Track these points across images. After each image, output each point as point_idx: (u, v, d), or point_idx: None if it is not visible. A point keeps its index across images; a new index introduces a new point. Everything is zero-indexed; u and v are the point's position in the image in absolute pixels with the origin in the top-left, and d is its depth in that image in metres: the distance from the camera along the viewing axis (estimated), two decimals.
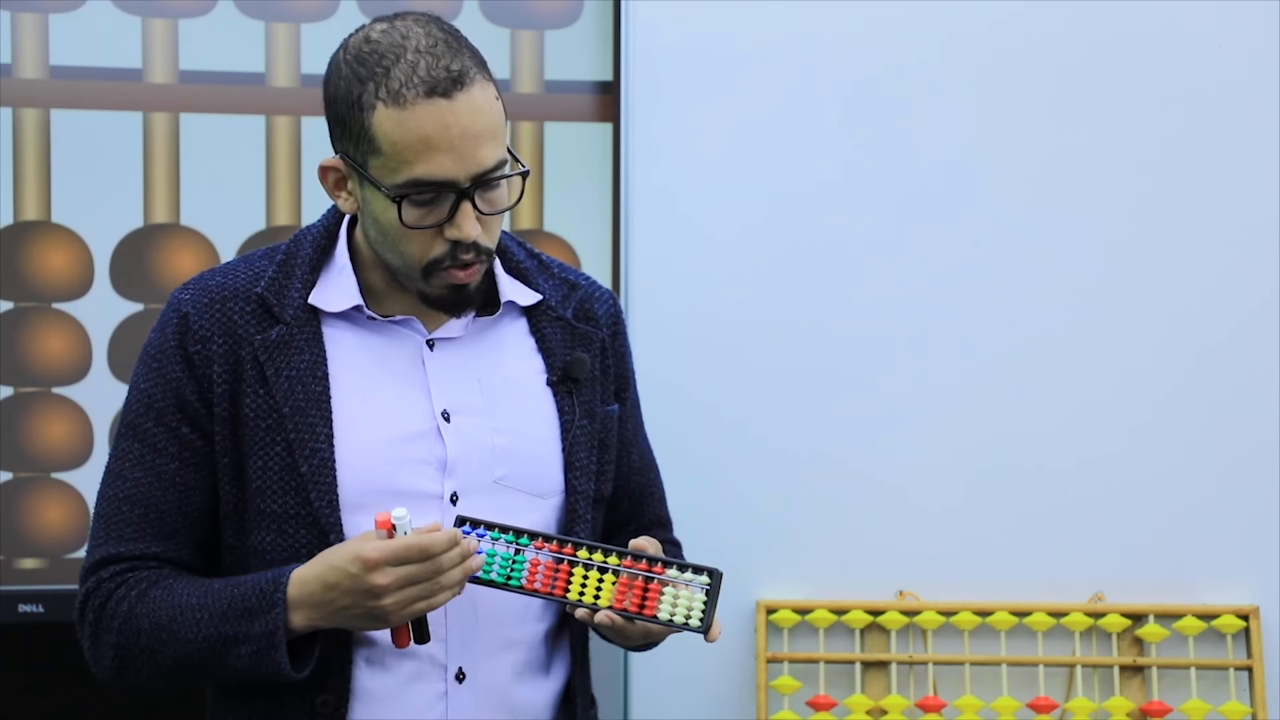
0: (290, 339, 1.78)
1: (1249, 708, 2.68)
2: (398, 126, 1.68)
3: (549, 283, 1.91)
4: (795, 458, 2.73)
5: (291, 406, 1.76)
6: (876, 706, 2.69)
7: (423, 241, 1.73)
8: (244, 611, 1.70)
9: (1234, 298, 2.75)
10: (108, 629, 1.76)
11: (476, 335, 1.85)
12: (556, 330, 1.88)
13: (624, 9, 2.70)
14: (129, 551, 1.77)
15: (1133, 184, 2.75)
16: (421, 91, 1.67)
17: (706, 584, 1.76)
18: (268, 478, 1.76)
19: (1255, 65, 2.74)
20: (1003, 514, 2.74)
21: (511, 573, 1.74)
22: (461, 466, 1.79)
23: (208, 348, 1.77)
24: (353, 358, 1.80)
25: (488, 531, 1.74)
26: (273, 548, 1.76)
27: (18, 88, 2.65)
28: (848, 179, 2.73)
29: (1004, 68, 2.74)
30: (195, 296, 1.80)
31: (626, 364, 1.99)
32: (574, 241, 2.76)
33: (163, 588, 1.75)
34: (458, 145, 1.68)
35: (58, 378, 2.67)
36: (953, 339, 2.74)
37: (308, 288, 1.80)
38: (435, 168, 1.68)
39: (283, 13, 2.70)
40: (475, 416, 1.81)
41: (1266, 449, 2.74)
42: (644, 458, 2.03)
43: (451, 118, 1.68)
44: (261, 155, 2.70)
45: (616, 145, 2.73)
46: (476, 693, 1.80)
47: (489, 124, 1.71)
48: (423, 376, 1.81)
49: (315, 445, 1.75)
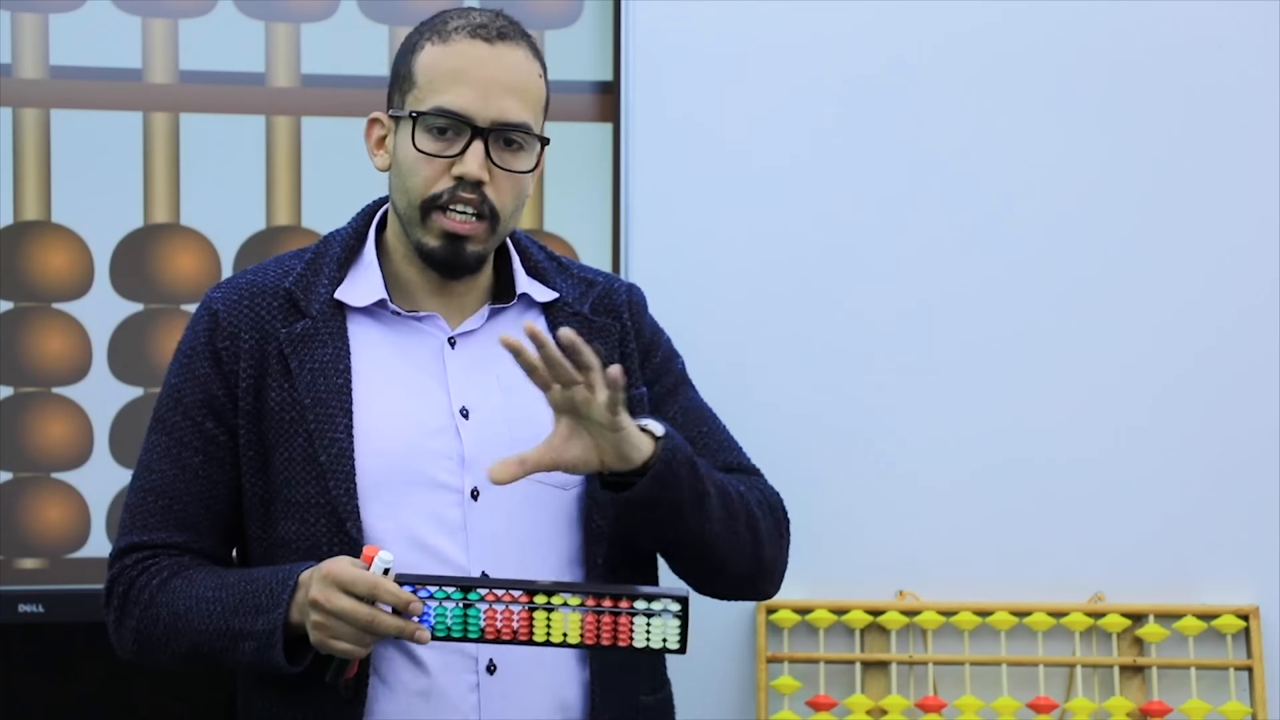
0: (315, 332, 1.83)
1: (1249, 708, 2.68)
2: (437, 59, 1.79)
3: (567, 282, 1.94)
4: (795, 457, 2.72)
5: (313, 398, 1.80)
6: (876, 706, 2.69)
7: (429, 175, 1.78)
8: (252, 608, 1.74)
9: (1233, 296, 2.75)
10: (130, 614, 1.83)
11: (495, 331, 1.86)
12: (573, 325, 1.89)
13: (624, 9, 2.70)
14: (152, 540, 1.84)
15: (1131, 181, 2.75)
16: (466, 33, 1.79)
17: (677, 609, 1.72)
18: (291, 468, 1.80)
19: (1255, 65, 2.74)
20: (1003, 514, 2.74)
21: (468, 625, 1.69)
22: (480, 463, 1.80)
23: (235, 343, 1.83)
24: (375, 351, 1.84)
25: (432, 589, 1.70)
26: (296, 537, 1.80)
27: (18, 88, 2.65)
28: (848, 178, 2.73)
29: (1003, 66, 2.74)
30: (226, 294, 1.87)
31: (648, 336, 1.98)
32: (574, 241, 2.76)
33: (183, 578, 1.81)
34: (485, 86, 1.77)
35: (58, 378, 2.67)
36: (952, 339, 2.74)
37: (335, 283, 1.85)
38: (459, 99, 1.77)
39: (283, 13, 2.70)
40: (493, 413, 1.84)
41: (1266, 448, 2.74)
42: (687, 414, 1.98)
43: (488, 58, 1.78)
44: (261, 155, 2.70)
45: (616, 145, 2.73)
46: (508, 684, 1.80)
47: (521, 82, 1.80)
48: (442, 373, 1.85)
49: (334, 435, 1.79)
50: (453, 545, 1.80)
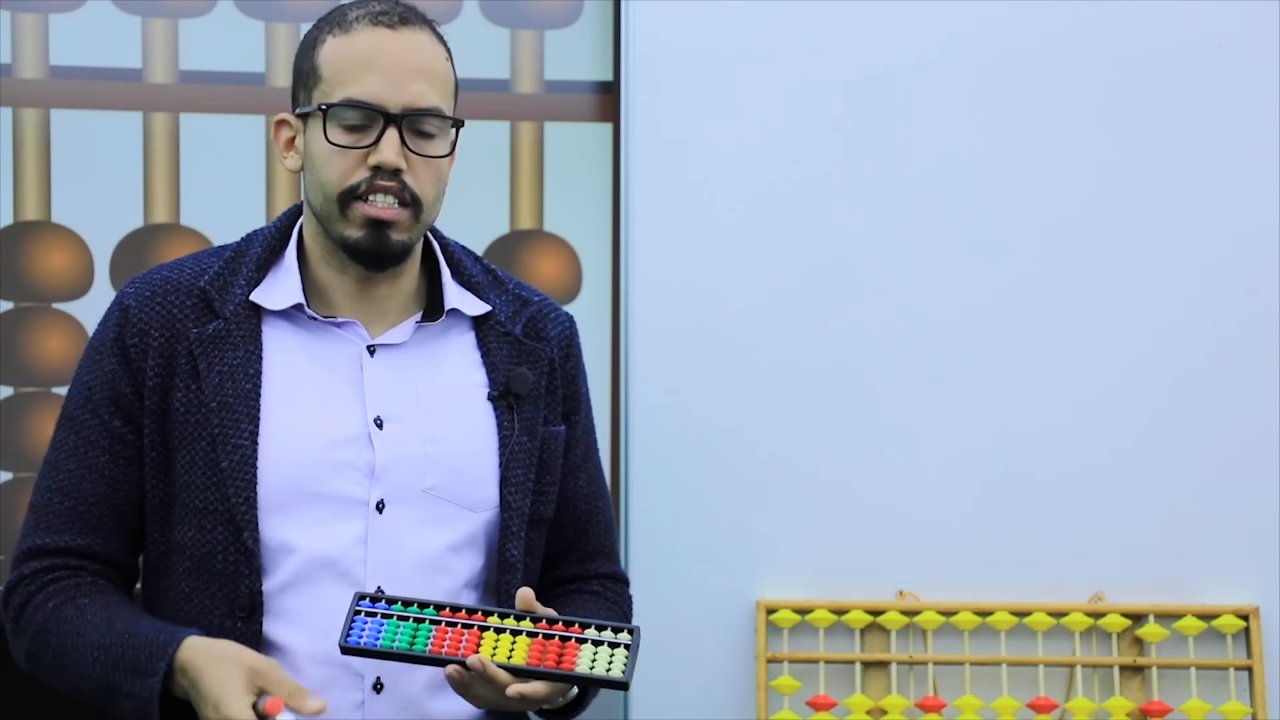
0: (227, 334, 1.78)
1: (1249, 708, 2.68)
2: (340, 50, 1.76)
3: (500, 297, 1.90)
4: (795, 457, 2.73)
5: (219, 401, 1.75)
6: (876, 706, 2.69)
7: (344, 168, 1.75)
8: (130, 667, 1.68)
9: (1233, 299, 2.75)
10: (23, 632, 1.79)
11: (420, 344, 1.84)
12: (503, 345, 1.87)
13: (624, 9, 2.70)
14: (55, 543, 1.78)
15: (1132, 185, 2.75)
16: (367, 21, 1.76)
17: (627, 640, 1.71)
18: (192, 473, 1.76)
19: (1256, 66, 2.74)
20: (1003, 514, 2.74)
21: (415, 640, 1.69)
22: (390, 474, 1.78)
23: (144, 340, 1.78)
24: (289, 357, 1.80)
25: (389, 606, 1.70)
26: (192, 543, 1.76)
27: (18, 88, 2.65)
28: (848, 179, 2.73)
29: (1004, 66, 2.74)
30: (139, 290, 1.81)
31: (578, 388, 1.96)
32: (574, 241, 2.76)
33: (76, 606, 1.75)
34: (392, 71, 1.75)
35: (58, 377, 2.67)
36: (953, 339, 2.74)
37: (252, 285, 1.81)
38: (367, 88, 1.74)
39: (282, 13, 2.70)
40: (408, 424, 1.80)
41: (1266, 449, 2.74)
42: (592, 485, 1.97)
43: (391, 44, 1.75)
44: (261, 155, 2.70)
45: (616, 145, 2.73)
46: (394, 704, 1.77)
47: (428, 64, 1.77)
48: (359, 381, 1.80)
49: (238, 441, 1.75)
50: (350, 559, 1.76)
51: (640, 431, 2.70)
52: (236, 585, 1.74)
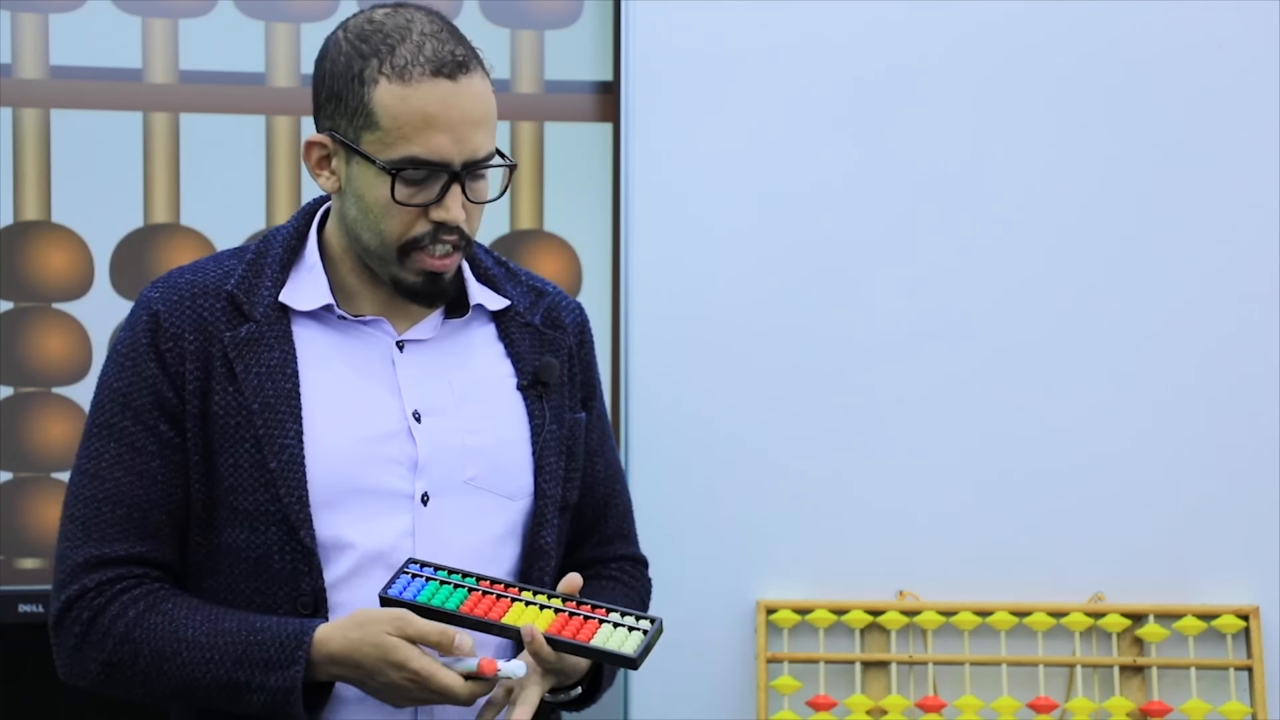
0: (260, 336, 1.78)
1: (1249, 708, 2.68)
2: (400, 102, 1.70)
3: (516, 289, 1.92)
4: (796, 457, 2.73)
5: (260, 403, 1.75)
6: (876, 706, 2.69)
7: (406, 220, 1.74)
8: (261, 662, 1.69)
9: (1234, 298, 2.75)
10: (97, 645, 1.75)
11: (445, 338, 1.86)
12: (525, 335, 1.89)
13: (624, 9, 2.70)
14: (115, 553, 1.75)
15: (1131, 185, 2.75)
16: (428, 70, 1.70)
17: (648, 627, 1.74)
18: (238, 475, 1.76)
19: (1256, 66, 2.74)
20: (1003, 514, 2.74)
21: (450, 599, 1.73)
22: (433, 466, 1.79)
23: (179, 344, 1.77)
24: (323, 356, 1.80)
25: (435, 571, 1.74)
26: (245, 545, 1.76)
27: (18, 88, 2.65)
28: (848, 179, 2.73)
29: (1005, 67, 2.74)
30: (165, 294, 1.80)
31: (593, 374, 1.99)
32: (574, 241, 2.76)
33: (162, 613, 1.74)
34: (457, 127, 1.71)
35: (58, 378, 2.67)
36: (953, 339, 2.74)
37: (278, 286, 1.81)
38: (434, 147, 1.71)
39: (283, 13, 2.70)
40: (446, 417, 1.82)
41: (1267, 449, 2.74)
42: (609, 469, 2.01)
43: (454, 99, 1.71)
44: (261, 155, 2.70)
45: (616, 145, 2.73)
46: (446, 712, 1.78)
47: (486, 113, 1.74)
48: (393, 377, 1.81)
49: (284, 441, 1.75)
50: (400, 552, 1.78)
51: (640, 431, 2.70)
52: (297, 584, 1.75)
